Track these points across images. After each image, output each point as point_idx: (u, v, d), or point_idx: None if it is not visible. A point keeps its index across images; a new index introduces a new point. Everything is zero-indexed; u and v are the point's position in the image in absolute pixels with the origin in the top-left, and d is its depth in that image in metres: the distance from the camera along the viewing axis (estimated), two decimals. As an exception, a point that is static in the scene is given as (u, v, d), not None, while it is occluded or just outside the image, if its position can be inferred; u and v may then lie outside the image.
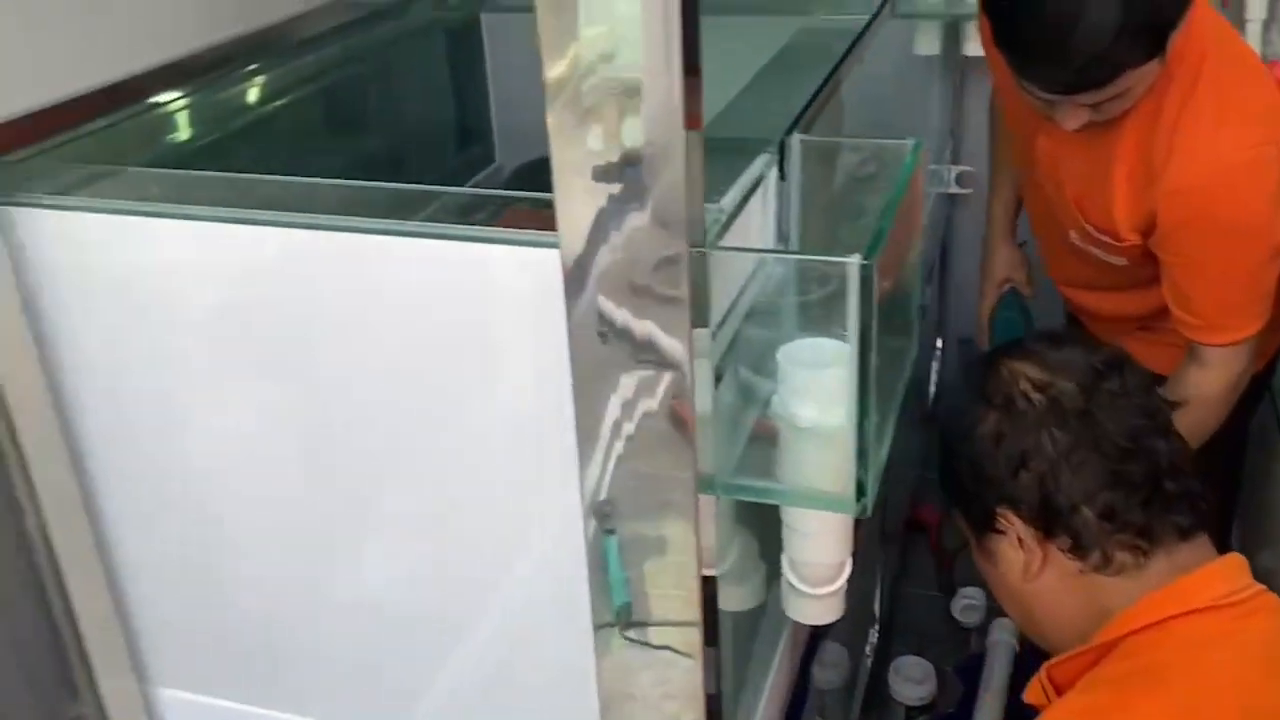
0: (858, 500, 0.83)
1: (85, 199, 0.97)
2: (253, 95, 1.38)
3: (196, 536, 1.07)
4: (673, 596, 0.84)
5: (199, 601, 1.10)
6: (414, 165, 2.04)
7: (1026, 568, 1.09)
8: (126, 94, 1.15)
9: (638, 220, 0.72)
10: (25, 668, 1.09)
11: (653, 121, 0.70)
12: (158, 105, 1.20)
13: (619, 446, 0.80)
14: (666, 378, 0.77)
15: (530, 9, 0.70)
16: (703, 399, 0.78)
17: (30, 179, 0.97)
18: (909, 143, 0.99)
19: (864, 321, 0.77)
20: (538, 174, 2.26)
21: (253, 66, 1.35)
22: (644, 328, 0.76)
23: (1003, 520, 1.09)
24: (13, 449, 1.00)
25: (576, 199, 0.74)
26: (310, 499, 1.03)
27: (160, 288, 0.98)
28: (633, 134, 0.71)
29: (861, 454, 0.81)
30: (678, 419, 0.78)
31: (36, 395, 0.99)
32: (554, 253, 0.82)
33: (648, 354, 0.76)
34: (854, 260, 0.76)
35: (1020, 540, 1.08)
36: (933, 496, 2.30)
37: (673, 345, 0.75)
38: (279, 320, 0.96)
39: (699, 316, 0.76)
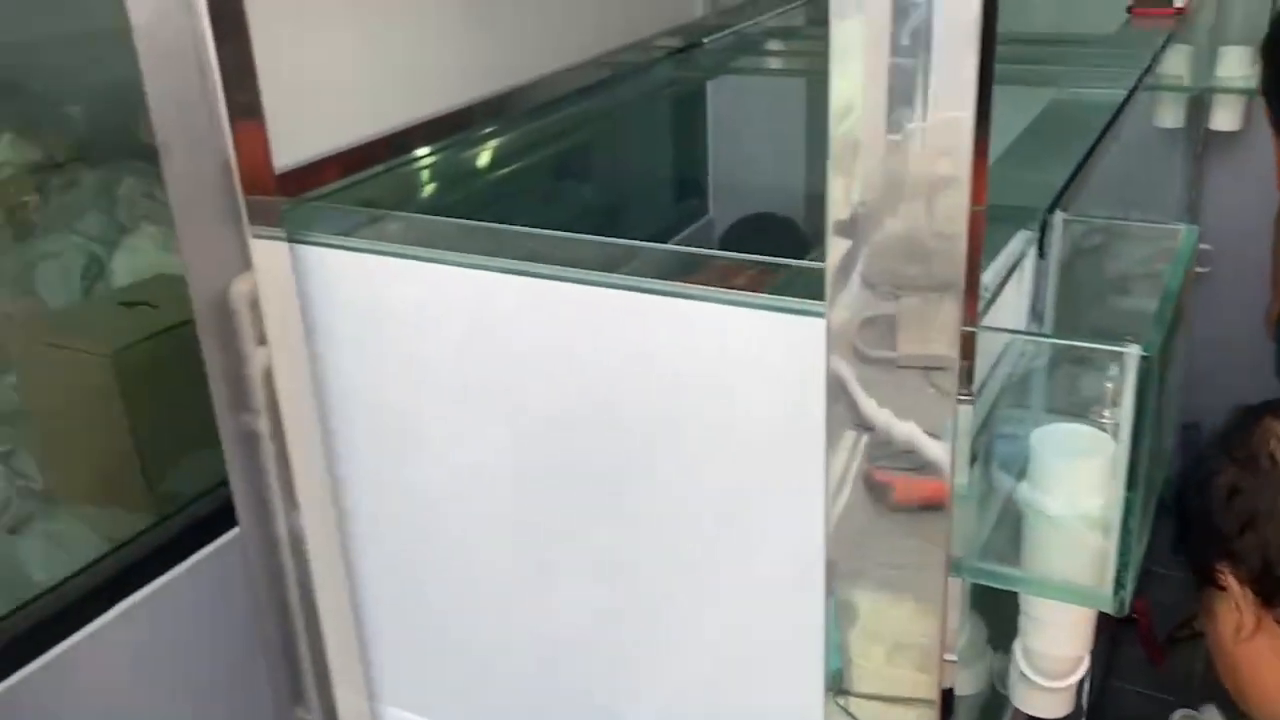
0: (1115, 596, 0.80)
1: (362, 240, 1.04)
2: (505, 148, 1.45)
3: (432, 563, 1.12)
4: (909, 675, 0.83)
5: (430, 625, 1.15)
6: (634, 214, 2.10)
7: (1239, 628, 1.04)
8: (397, 144, 1.23)
9: (913, 293, 0.72)
10: (266, 668, 1.16)
11: (935, 194, 0.71)
12: (424, 155, 1.27)
13: (866, 517, 0.80)
14: (924, 452, 0.76)
15: (761, 72, 0.72)
16: (960, 478, 0.77)
17: (317, 219, 1.05)
18: (1180, 228, 0.95)
19: (1139, 414, 0.74)
20: (751, 229, 2.26)
21: (504, 121, 1.42)
22: (907, 400, 0.75)
23: (1221, 576, 1.05)
24: (281, 466, 1.07)
25: (848, 263, 0.75)
26: (539, 536, 1.06)
27: (418, 325, 1.04)
28: (914, 207, 0.71)
29: (1124, 549, 0.78)
30: (932, 496, 0.77)
31: (308, 418, 1.06)
32: (795, 318, 0.84)
33: (908, 427, 0.76)
34: (1133, 351, 0.74)
35: (1237, 602, 1.03)
36: (1146, 587, 2.18)
37: (935, 421, 0.74)
38: (530, 365, 1.00)
39: (964, 394, 0.75)
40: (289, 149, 1.06)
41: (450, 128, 1.30)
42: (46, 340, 1.64)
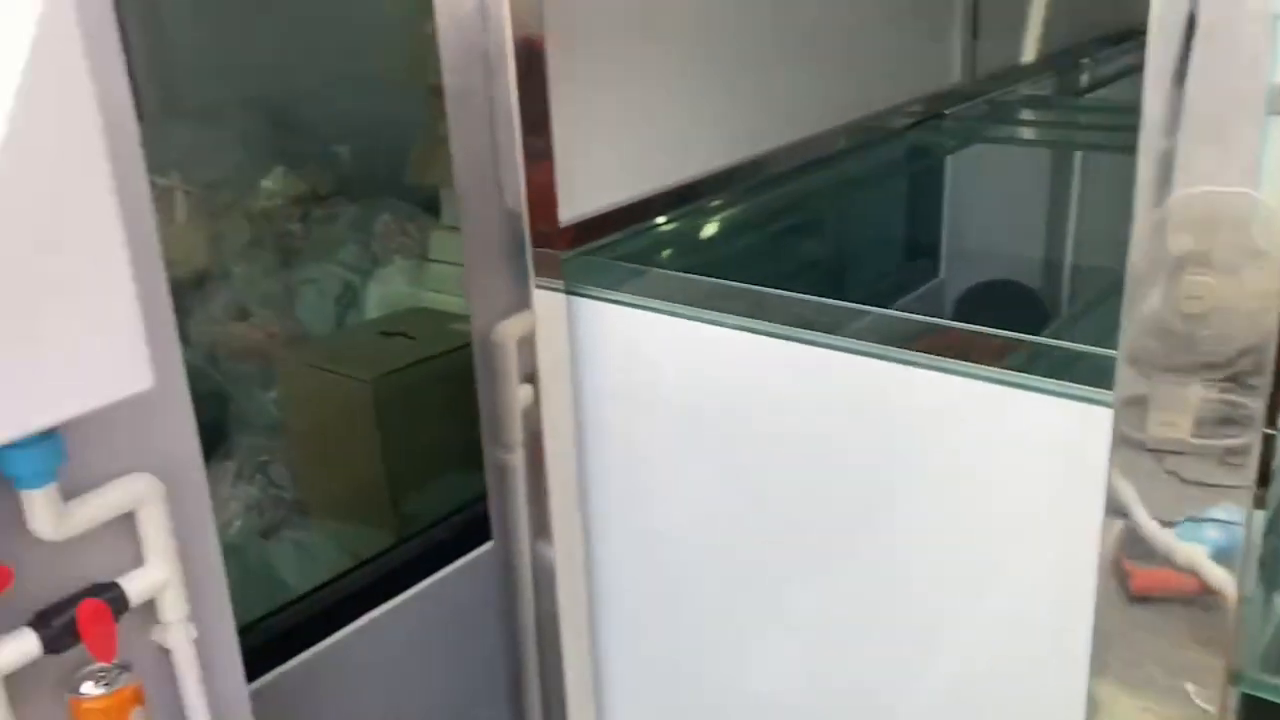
0: None
1: (630, 295, 1.10)
2: (757, 210, 1.48)
3: (670, 608, 1.15)
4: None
5: (665, 666, 1.18)
6: (864, 270, 2.10)
7: None
8: (661, 203, 1.28)
9: (1212, 392, 0.70)
10: (505, 689, 1.21)
11: (1242, 285, 0.69)
12: (684, 215, 1.32)
13: (1136, 615, 0.78)
14: (1209, 553, 0.73)
15: (1006, 141, 0.71)
16: (1248, 584, 0.73)
17: (593, 272, 1.11)
18: None
19: None
20: (990, 296, 2.22)
21: (759, 184, 1.45)
22: (1192, 497, 0.73)
23: None
24: (532, 498, 1.12)
25: (1141, 351, 0.74)
26: (778, 589, 1.07)
27: (675, 379, 1.07)
28: (1217, 298, 0.69)
29: None
30: (1215, 599, 0.74)
31: (567, 457, 1.12)
32: (1071, 403, 0.82)
33: (1192, 524, 0.74)
34: None
35: None
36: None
37: (1227, 525, 0.72)
38: (780, 423, 1.02)
39: (1259, 500, 0.72)
40: (565, 204, 1.12)
41: (709, 189, 1.34)
42: (311, 362, 1.78)
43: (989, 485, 0.92)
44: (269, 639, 1.23)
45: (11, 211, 0.69)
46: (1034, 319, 2.01)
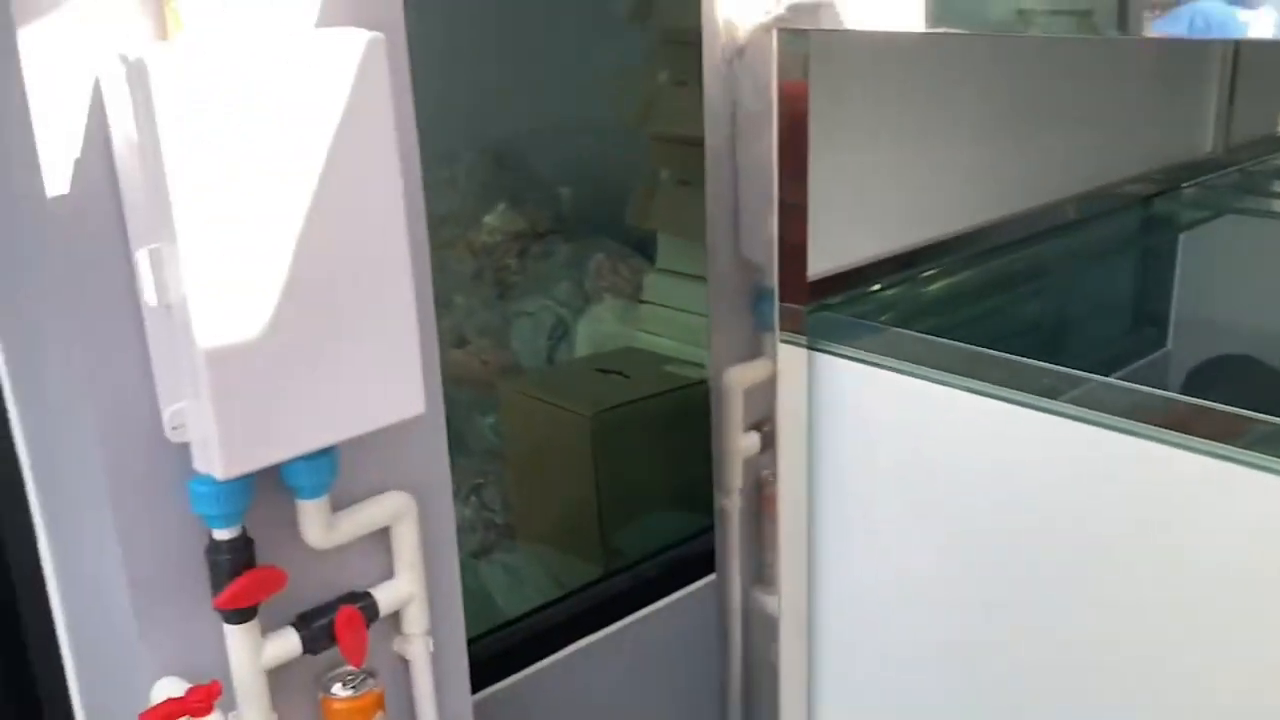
0: None
1: (867, 352, 1.10)
2: (992, 273, 1.46)
3: (887, 670, 1.14)
4: None
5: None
6: (1087, 337, 2.03)
7: None
8: (897, 263, 1.28)
9: None
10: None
11: None
12: (917, 275, 1.32)
13: None
14: None
15: (1253, 213, 0.67)
16: None
17: (834, 329, 1.12)
18: None
19: None
20: (1217, 371, 2.10)
21: (995, 247, 1.44)
22: None
23: None
24: (745, 545, 1.13)
25: None
26: (1006, 668, 1.04)
27: (910, 441, 1.07)
28: None
29: None
30: None
31: (797, 506, 1.12)
32: None
33: None
34: None
35: None
36: None
37: None
38: (1012, 494, 1.00)
39: None
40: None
41: (939, 253, 1.34)
42: (529, 393, 1.84)
43: (1230, 571, 0.87)
44: (488, 656, 1.27)
45: (323, 249, 0.75)
46: (1274, 396, 1.90)
